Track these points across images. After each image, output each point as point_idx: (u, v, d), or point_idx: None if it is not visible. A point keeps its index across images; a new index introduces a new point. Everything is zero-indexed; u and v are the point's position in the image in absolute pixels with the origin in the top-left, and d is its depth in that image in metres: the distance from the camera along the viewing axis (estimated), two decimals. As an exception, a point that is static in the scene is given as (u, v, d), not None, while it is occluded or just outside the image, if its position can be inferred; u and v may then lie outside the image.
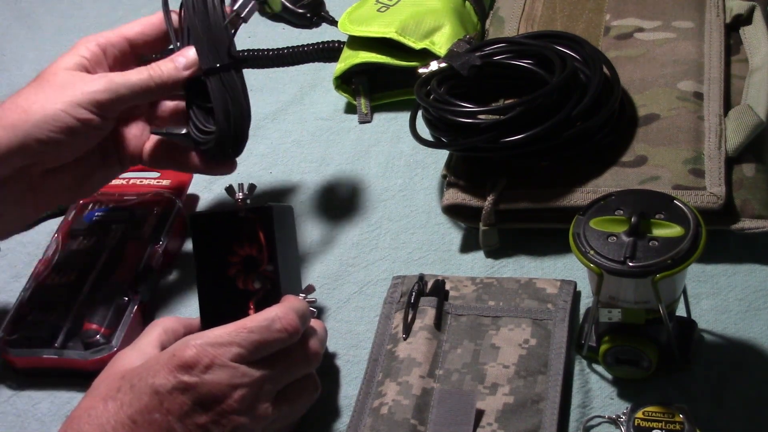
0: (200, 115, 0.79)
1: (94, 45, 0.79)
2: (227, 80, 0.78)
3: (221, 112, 0.77)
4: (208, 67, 0.77)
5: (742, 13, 0.95)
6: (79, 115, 0.74)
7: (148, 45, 0.81)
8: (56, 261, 0.87)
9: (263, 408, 0.66)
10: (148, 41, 0.81)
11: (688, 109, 0.86)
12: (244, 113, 0.79)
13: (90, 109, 0.74)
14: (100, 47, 0.79)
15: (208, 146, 0.79)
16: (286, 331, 0.66)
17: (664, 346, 0.71)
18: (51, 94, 0.74)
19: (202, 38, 0.77)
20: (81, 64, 0.77)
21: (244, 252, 0.72)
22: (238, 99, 0.78)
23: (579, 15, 0.99)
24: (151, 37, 0.81)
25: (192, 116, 0.80)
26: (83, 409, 0.65)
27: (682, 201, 0.68)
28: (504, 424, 0.70)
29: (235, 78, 0.78)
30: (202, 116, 0.79)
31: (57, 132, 0.74)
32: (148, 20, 0.81)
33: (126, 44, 0.80)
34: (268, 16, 0.87)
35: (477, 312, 0.78)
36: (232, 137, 0.79)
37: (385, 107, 1.03)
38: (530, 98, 0.80)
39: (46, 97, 0.74)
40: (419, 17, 0.99)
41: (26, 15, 1.30)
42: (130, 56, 0.81)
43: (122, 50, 0.80)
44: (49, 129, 0.73)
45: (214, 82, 0.77)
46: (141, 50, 0.81)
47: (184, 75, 0.78)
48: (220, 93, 0.77)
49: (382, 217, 0.91)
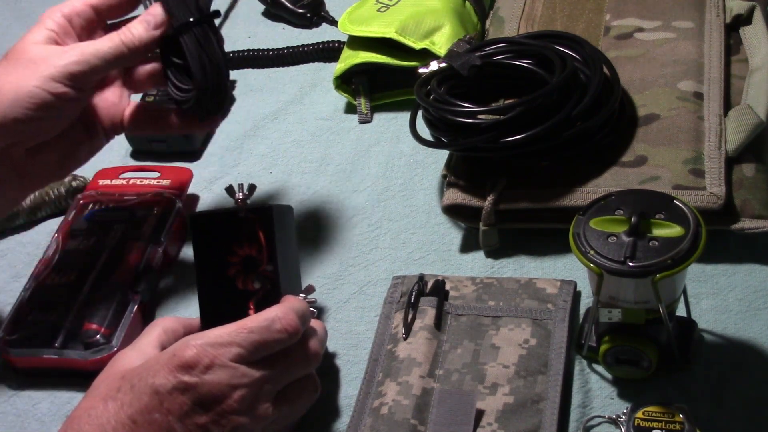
0: (177, 74, 0.78)
1: (60, 16, 0.77)
2: (200, 35, 0.76)
3: (198, 69, 0.76)
4: (179, 23, 0.76)
5: (742, 13, 0.95)
6: (54, 90, 0.73)
7: (113, 10, 0.80)
8: (56, 261, 0.87)
9: (263, 408, 0.66)
10: (113, 5, 0.79)
11: (688, 109, 0.86)
12: (221, 66, 0.78)
13: (64, 83, 0.73)
14: (66, 18, 0.77)
15: (189, 104, 0.79)
16: (286, 331, 0.66)
17: (664, 346, 0.71)
18: (23, 71, 0.73)
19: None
20: (50, 38, 0.76)
21: (244, 252, 0.71)
22: (214, 53, 0.77)
23: (579, 15, 0.99)
24: (115, 1, 0.79)
25: (170, 75, 0.79)
26: (83, 409, 0.64)
27: (682, 201, 0.68)
28: (504, 424, 0.70)
29: (208, 32, 0.77)
30: (179, 74, 0.78)
31: (33, 109, 0.72)
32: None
33: (91, 12, 0.78)
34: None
35: (477, 312, 0.78)
36: (210, 92, 0.78)
37: (385, 107, 1.03)
38: (530, 98, 0.80)
39: (18, 75, 0.73)
40: (419, 17, 0.99)
41: (26, 15, 1.30)
42: (97, 23, 0.79)
43: (88, 18, 0.78)
44: (24, 107, 0.72)
45: (188, 38, 0.76)
46: (106, 16, 0.80)
47: (155, 35, 0.76)
48: (194, 49, 0.76)
49: (382, 217, 0.91)
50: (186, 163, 1.00)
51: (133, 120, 0.83)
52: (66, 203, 0.96)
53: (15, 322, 0.82)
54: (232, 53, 1.11)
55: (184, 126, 0.83)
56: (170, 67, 0.79)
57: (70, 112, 0.76)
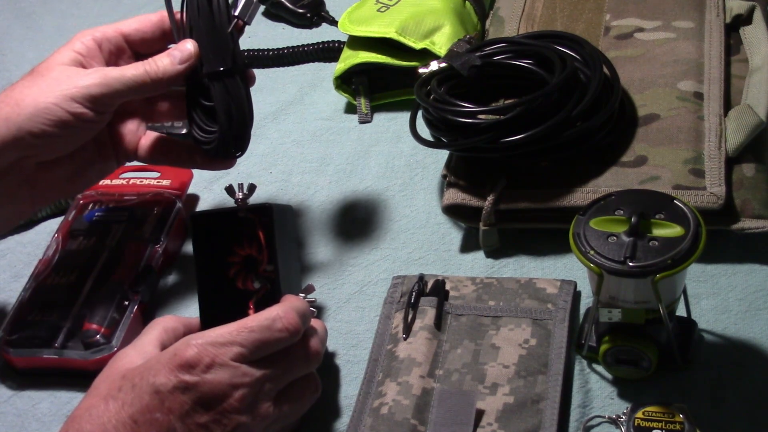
0: (202, 115, 0.79)
1: (90, 39, 0.78)
2: (231, 86, 0.77)
3: (224, 116, 0.77)
4: (212, 70, 0.76)
5: (742, 13, 0.95)
6: (72, 109, 0.73)
7: (145, 42, 0.81)
8: (56, 261, 0.87)
9: (264, 407, 0.66)
10: (145, 38, 0.80)
11: (688, 109, 0.86)
12: (246, 117, 0.78)
13: (83, 103, 0.74)
14: (96, 42, 0.78)
15: (211, 146, 0.79)
16: (287, 330, 0.66)
17: (664, 346, 0.71)
18: (44, 87, 0.74)
19: (206, 40, 0.76)
20: (76, 59, 0.77)
21: (244, 252, 0.72)
22: (241, 102, 0.77)
23: (579, 15, 0.99)
24: (148, 34, 0.80)
25: (194, 116, 0.79)
26: (84, 408, 0.65)
27: (682, 201, 0.68)
28: (504, 424, 0.70)
29: (239, 83, 0.77)
30: (203, 116, 0.79)
31: (50, 125, 0.73)
32: (147, 17, 0.80)
33: (122, 40, 0.80)
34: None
35: (477, 312, 0.78)
36: (234, 137, 0.78)
37: (385, 107, 1.03)
38: (530, 98, 0.80)
39: (39, 90, 0.74)
40: (419, 17, 0.99)
41: (26, 15, 1.30)
42: (126, 52, 0.80)
43: (118, 45, 0.79)
44: (41, 122, 0.73)
45: (218, 86, 0.76)
46: (137, 47, 0.81)
47: (180, 69, 0.76)
48: (222, 97, 0.76)
49: (382, 217, 0.91)
50: (186, 163, 1.00)
51: (149, 151, 0.83)
52: (66, 203, 0.96)
53: (15, 322, 0.82)
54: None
55: (203, 164, 0.84)
56: (195, 107, 0.79)
57: (86, 133, 0.77)
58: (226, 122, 0.77)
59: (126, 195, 0.93)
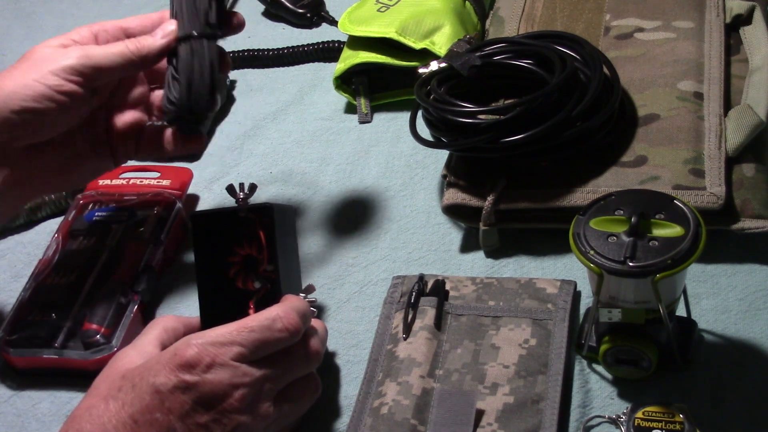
0: (172, 85, 0.77)
1: (87, 30, 0.78)
2: (198, 51, 0.76)
3: (184, 82, 0.76)
4: (183, 34, 0.76)
5: (742, 13, 0.95)
6: (52, 83, 0.73)
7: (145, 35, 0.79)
8: (56, 261, 0.87)
9: (264, 407, 0.66)
10: (145, 32, 0.79)
11: (688, 109, 0.86)
12: (208, 85, 0.76)
13: (64, 77, 0.74)
14: (92, 32, 0.78)
15: (169, 116, 0.78)
16: (287, 330, 0.66)
17: (664, 346, 0.71)
18: (25, 69, 0.74)
19: (185, 5, 0.76)
20: (64, 44, 0.77)
21: (244, 251, 0.72)
22: (204, 71, 0.76)
23: (579, 15, 0.99)
24: (148, 29, 0.79)
25: (165, 87, 0.78)
26: (84, 408, 0.64)
27: (682, 201, 0.68)
28: (504, 424, 0.70)
29: (205, 48, 0.76)
30: (172, 86, 0.77)
31: (29, 100, 0.73)
32: (148, 16, 0.80)
33: (121, 32, 0.79)
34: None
35: (477, 312, 0.78)
36: (188, 111, 0.77)
37: (385, 107, 1.03)
38: (530, 98, 0.80)
39: (20, 72, 0.74)
40: (419, 17, 0.99)
41: (26, 15, 1.30)
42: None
43: (116, 36, 0.79)
44: (21, 98, 0.73)
45: (183, 49, 0.76)
46: None
47: (163, 43, 0.76)
48: (186, 61, 0.76)
49: (382, 217, 0.91)
50: (186, 163, 1.00)
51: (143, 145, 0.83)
52: (66, 203, 0.96)
53: (15, 322, 0.82)
54: (232, 53, 1.11)
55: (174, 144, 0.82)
56: (169, 76, 0.78)
57: (72, 111, 0.76)
58: (185, 89, 0.76)
59: (126, 195, 0.94)
